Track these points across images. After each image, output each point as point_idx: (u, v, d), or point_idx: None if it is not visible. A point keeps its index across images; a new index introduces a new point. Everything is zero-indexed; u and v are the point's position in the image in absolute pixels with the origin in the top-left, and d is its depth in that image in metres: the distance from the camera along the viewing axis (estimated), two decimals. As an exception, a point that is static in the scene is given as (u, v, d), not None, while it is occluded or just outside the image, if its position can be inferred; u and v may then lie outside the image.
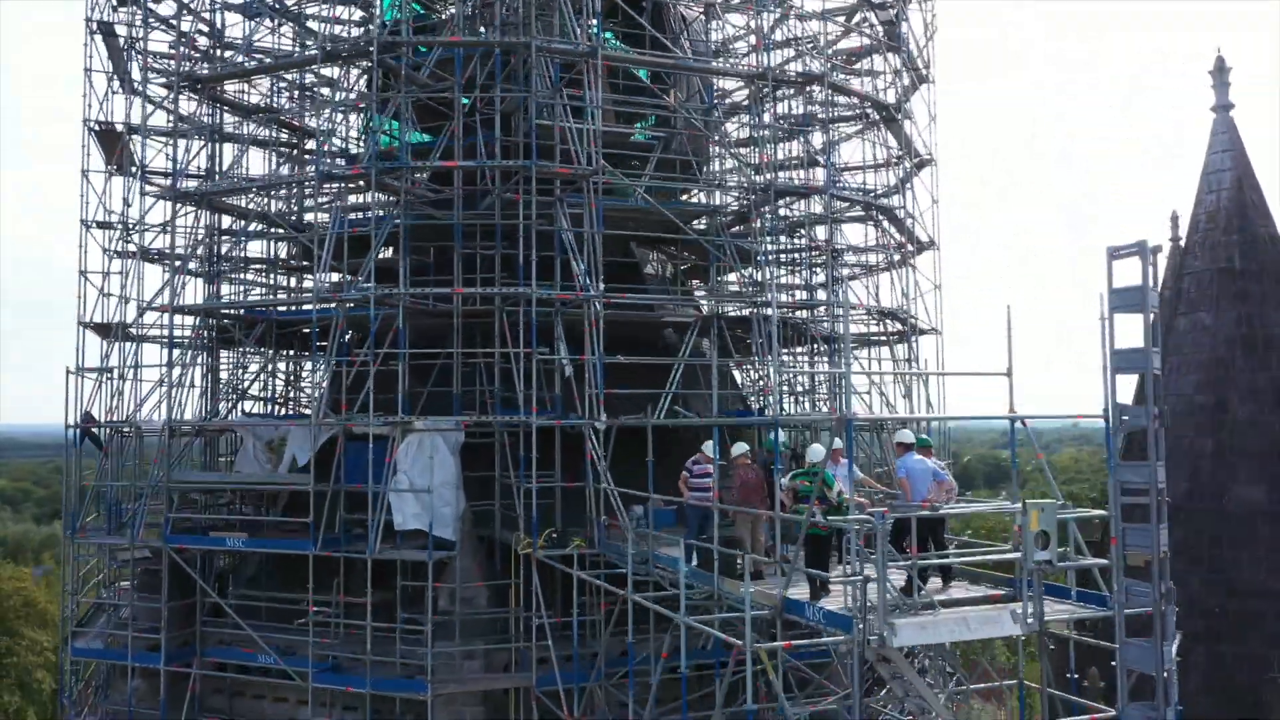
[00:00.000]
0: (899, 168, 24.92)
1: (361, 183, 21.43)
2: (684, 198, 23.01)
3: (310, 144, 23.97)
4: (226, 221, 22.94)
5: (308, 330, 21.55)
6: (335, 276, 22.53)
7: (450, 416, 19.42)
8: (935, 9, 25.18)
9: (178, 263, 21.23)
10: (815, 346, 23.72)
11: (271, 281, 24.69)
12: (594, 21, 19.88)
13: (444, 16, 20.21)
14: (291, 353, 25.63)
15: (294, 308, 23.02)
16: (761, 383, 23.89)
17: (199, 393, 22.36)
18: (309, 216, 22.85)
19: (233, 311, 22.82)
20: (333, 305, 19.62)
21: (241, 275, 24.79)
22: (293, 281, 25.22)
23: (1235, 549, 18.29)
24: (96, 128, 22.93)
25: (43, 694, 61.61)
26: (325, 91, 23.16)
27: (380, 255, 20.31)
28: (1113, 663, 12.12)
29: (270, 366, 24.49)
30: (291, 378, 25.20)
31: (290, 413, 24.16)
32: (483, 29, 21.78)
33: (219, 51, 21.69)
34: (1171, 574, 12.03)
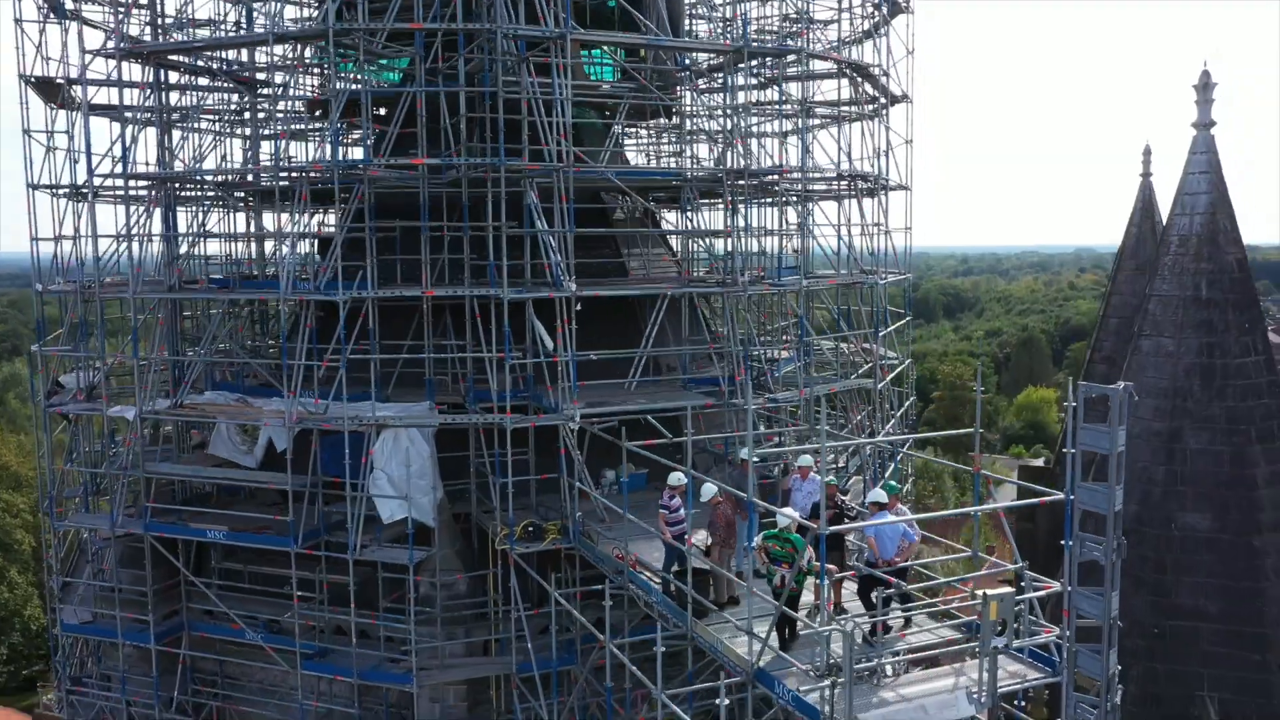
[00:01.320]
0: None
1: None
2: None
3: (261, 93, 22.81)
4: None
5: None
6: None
7: (423, 403, 19.55)
8: None
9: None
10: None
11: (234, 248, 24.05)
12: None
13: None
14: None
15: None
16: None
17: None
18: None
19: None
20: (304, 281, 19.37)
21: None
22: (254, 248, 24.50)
23: (1178, 573, 19.32)
24: (33, 79, 21.70)
25: (24, 554, 63.31)
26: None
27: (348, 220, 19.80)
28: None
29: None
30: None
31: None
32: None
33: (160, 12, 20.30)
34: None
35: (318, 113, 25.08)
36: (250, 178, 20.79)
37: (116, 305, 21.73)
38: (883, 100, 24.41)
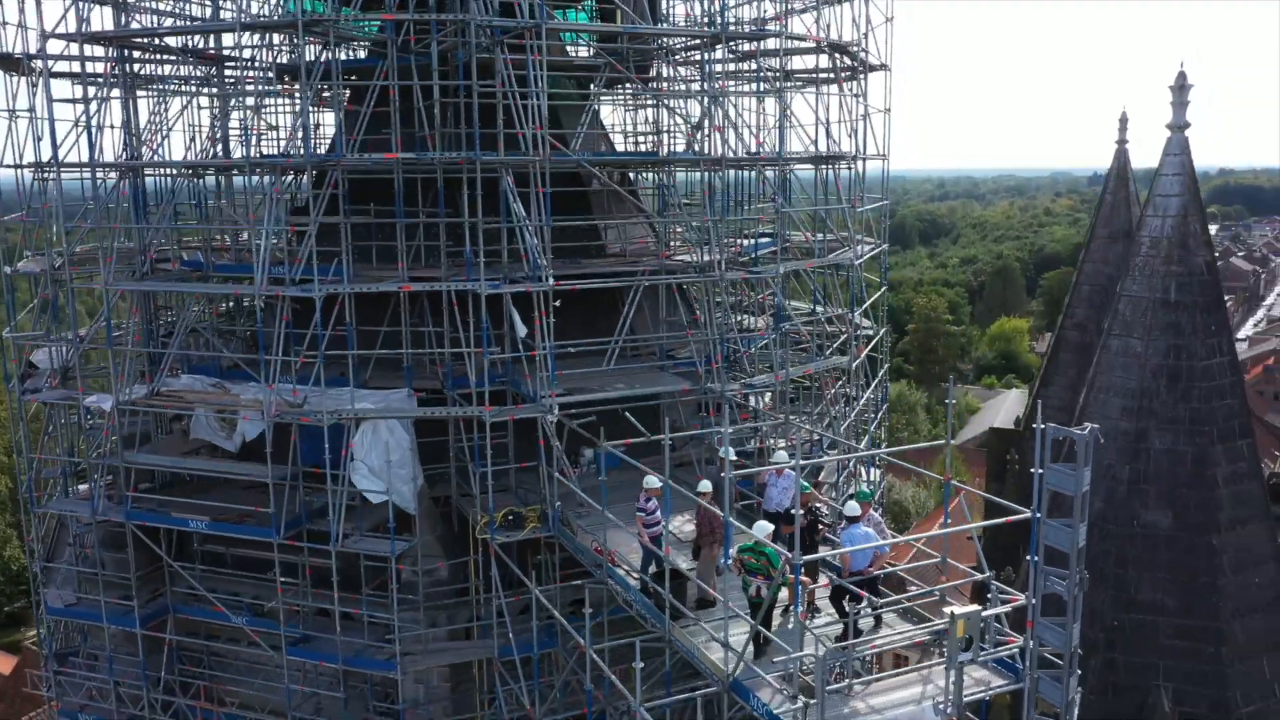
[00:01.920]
0: None
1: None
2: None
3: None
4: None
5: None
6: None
7: (401, 390, 19.62)
8: None
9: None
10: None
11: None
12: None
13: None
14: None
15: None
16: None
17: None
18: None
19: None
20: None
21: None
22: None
23: (1139, 569, 19.91)
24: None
25: (0, 495, 63.40)
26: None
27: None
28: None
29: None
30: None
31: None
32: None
33: None
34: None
35: (287, 78, 24.55)
36: (220, 156, 20.41)
37: (87, 279, 21.44)
38: (858, 67, 24.15)
